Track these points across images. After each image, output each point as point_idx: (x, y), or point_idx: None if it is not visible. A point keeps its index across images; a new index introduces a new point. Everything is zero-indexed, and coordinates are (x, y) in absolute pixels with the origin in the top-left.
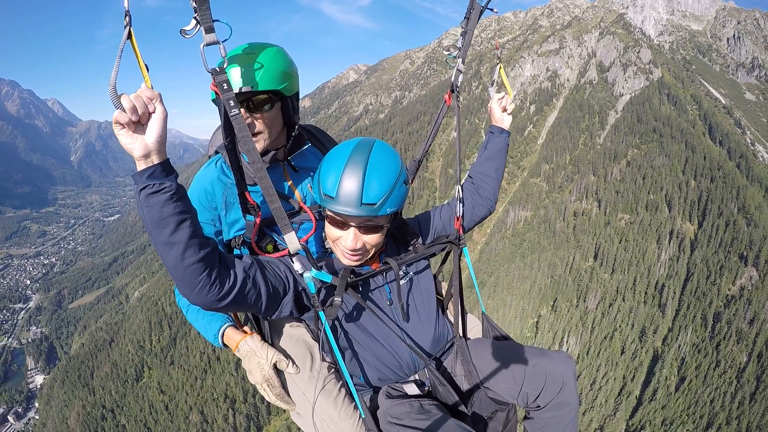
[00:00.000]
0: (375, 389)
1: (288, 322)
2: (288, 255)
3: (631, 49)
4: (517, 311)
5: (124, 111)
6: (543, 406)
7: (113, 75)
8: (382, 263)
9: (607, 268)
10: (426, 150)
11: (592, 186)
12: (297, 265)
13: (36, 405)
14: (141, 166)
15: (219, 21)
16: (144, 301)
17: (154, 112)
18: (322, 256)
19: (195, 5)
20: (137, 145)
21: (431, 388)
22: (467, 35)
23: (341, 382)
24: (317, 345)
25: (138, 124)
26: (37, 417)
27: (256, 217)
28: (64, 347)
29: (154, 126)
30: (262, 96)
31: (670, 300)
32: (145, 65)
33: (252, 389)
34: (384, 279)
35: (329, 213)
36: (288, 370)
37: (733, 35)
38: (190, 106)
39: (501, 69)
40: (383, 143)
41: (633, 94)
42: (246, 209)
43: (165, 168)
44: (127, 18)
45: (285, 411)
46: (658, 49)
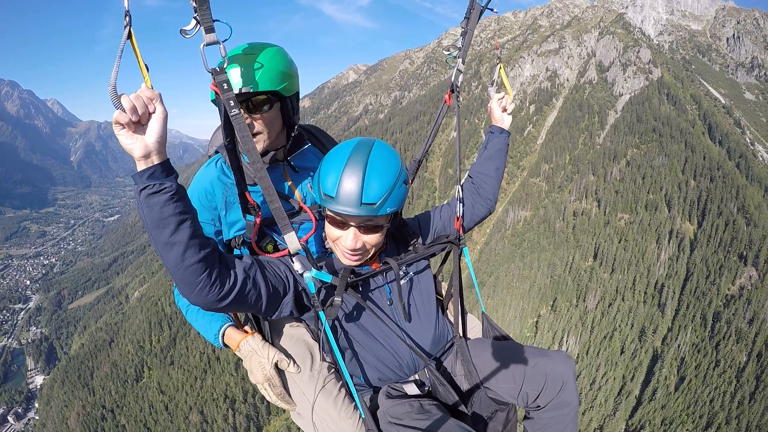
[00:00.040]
0: (375, 389)
1: (288, 322)
2: (288, 255)
3: (631, 49)
4: (517, 311)
5: (124, 111)
6: (543, 406)
7: (113, 75)
8: (382, 263)
9: (607, 267)
10: (426, 150)
11: (591, 186)
12: (297, 265)
13: (36, 405)
14: (141, 166)
15: (219, 21)
16: (144, 302)
17: (154, 112)
18: (322, 256)
19: (195, 5)
20: (137, 146)
21: (431, 388)
22: (467, 35)
23: (341, 382)
24: (317, 345)
25: (138, 124)
26: (37, 417)
27: (256, 217)
28: (63, 347)
29: (154, 126)
30: (261, 96)
31: (669, 300)
32: (145, 65)
33: (252, 389)
34: (384, 279)
35: (329, 213)
36: (289, 369)
37: (733, 35)
38: (190, 106)
39: (501, 69)
40: (383, 143)
41: (632, 93)
42: (246, 209)
43: (165, 168)
44: (127, 18)
45: (285, 411)
46: (657, 49)
